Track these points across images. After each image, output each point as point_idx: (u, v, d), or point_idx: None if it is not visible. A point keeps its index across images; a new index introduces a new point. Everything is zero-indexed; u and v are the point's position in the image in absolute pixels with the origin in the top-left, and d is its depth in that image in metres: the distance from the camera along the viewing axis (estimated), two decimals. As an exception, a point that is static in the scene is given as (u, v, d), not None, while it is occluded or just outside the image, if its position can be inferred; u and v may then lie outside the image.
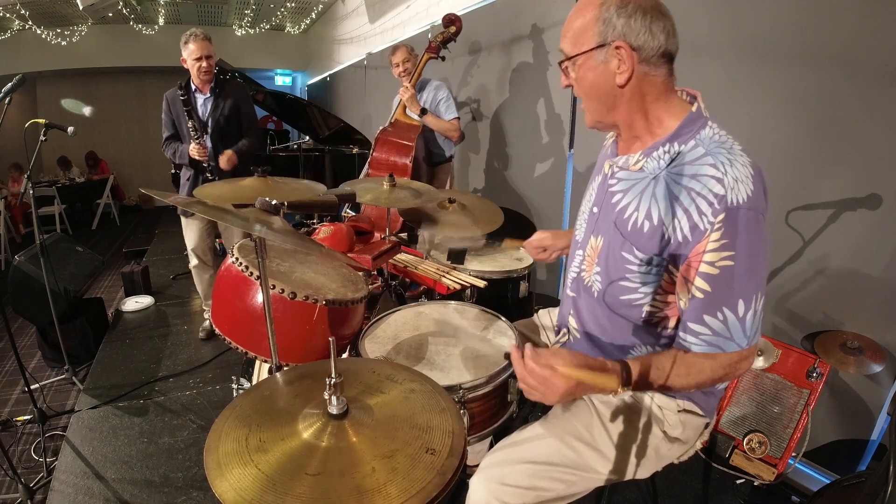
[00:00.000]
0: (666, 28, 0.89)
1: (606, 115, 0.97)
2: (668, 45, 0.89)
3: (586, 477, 1.03)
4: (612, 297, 1.01)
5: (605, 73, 0.91)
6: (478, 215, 2.15)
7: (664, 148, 0.93)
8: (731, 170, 0.84)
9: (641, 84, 0.92)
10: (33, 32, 7.07)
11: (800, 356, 1.69)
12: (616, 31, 0.88)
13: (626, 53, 0.88)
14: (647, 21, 0.87)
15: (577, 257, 1.15)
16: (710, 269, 0.85)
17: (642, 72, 0.90)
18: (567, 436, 1.04)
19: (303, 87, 10.17)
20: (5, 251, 5.67)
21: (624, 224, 0.97)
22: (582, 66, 0.93)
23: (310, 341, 1.26)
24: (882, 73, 1.44)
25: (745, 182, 0.84)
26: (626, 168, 1.00)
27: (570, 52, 0.94)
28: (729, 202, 0.83)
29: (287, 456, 0.71)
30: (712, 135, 0.91)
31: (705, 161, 0.87)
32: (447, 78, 3.84)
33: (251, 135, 2.77)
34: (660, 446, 1.06)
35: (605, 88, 0.93)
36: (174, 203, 1.09)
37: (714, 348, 0.88)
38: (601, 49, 0.89)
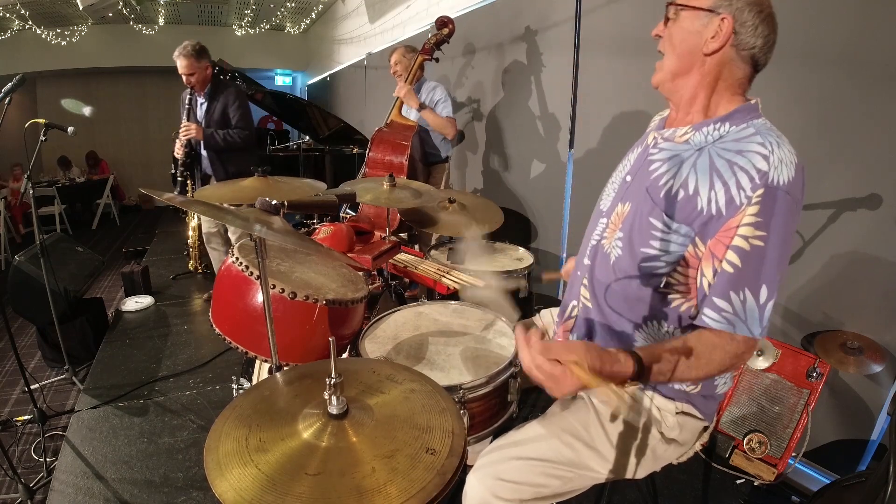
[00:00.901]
0: (768, 38, 0.92)
1: (678, 76, 0.98)
2: (760, 52, 0.93)
3: (583, 475, 1.03)
4: (633, 264, 0.99)
5: (698, 35, 0.93)
6: (478, 215, 2.15)
7: (715, 125, 0.95)
8: (778, 150, 0.85)
9: (722, 65, 0.94)
10: (33, 32, 7.07)
11: (800, 356, 1.69)
12: (731, 8, 0.90)
13: (727, 28, 0.90)
14: (759, 20, 0.91)
15: (598, 226, 1.12)
16: (743, 244, 0.84)
17: (728, 56, 0.93)
18: (564, 434, 1.04)
19: (303, 87, 10.17)
20: (5, 251, 5.68)
21: (657, 191, 0.97)
22: (684, 18, 0.95)
23: (310, 341, 1.26)
24: (883, 74, 1.44)
25: (790, 166, 0.84)
26: (672, 140, 1.01)
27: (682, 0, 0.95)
28: (770, 180, 0.83)
29: (287, 456, 0.71)
30: (765, 123, 0.93)
31: (754, 139, 0.89)
32: (446, 77, 3.84)
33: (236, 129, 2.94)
34: (657, 447, 1.06)
35: (691, 48, 0.95)
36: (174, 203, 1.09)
37: (731, 328, 0.86)
38: (709, 13, 0.92)
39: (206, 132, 2.86)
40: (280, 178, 1.63)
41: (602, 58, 2.42)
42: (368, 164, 2.88)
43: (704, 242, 0.90)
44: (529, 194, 3.20)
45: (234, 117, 2.94)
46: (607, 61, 2.39)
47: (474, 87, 3.62)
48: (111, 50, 7.97)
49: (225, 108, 2.93)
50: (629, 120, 2.30)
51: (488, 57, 3.39)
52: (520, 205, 3.26)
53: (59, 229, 6.66)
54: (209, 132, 2.87)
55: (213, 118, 2.93)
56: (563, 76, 2.68)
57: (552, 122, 2.85)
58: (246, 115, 2.99)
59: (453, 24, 2.92)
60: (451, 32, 2.93)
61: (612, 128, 2.44)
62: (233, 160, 3.01)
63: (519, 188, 3.28)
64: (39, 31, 7.08)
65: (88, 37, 7.63)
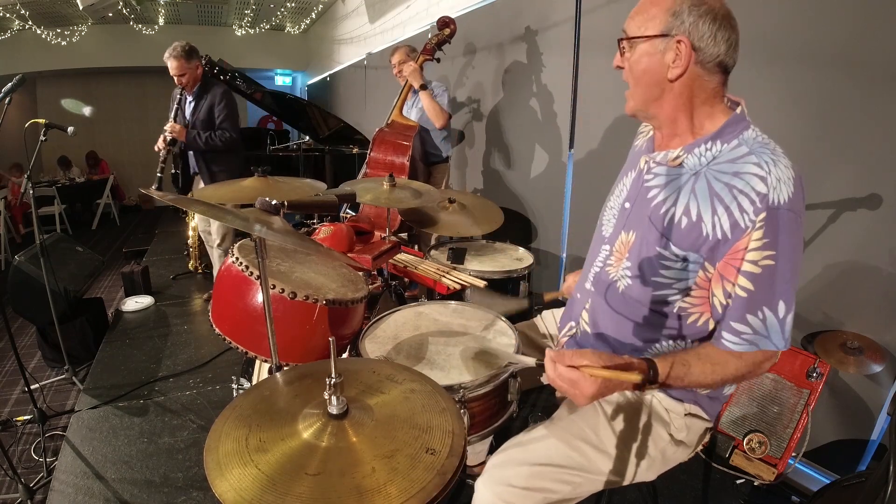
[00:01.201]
0: (730, 40, 0.90)
1: (650, 105, 0.97)
2: (726, 56, 0.91)
3: (593, 479, 1.02)
4: (644, 294, 1.00)
5: (659, 63, 0.91)
6: (478, 215, 2.15)
7: (706, 145, 0.93)
8: (775, 169, 0.85)
9: (692, 84, 0.92)
10: (33, 32, 7.07)
11: (800, 356, 1.69)
12: (683, 27, 0.88)
13: (685, 50, 0.88)
14: (715, 27, 0.88)
15: (601, 252, 1.12)
16: (753, 268, 0.85)
17: (695, 73, 0.91)
18: (574, 438, 1.03)
19: (303, 87, 10.17)
20: (5, 251, 5.67)
21: (660, 219, 0.96)
22: (639, 49, 0.93)
23: (310, 341, 1.25)
24: (883, 74, 1.44)
25: (787, 183, 0.84)
26: (664, 164, 0.99)
27: (633, 33, 0.94)
28: (771, 201, 0.83)
29: (287, 456, 0.71)
30: (755, 136, 0.92)
31: (749, 160, 0.88)
32: (447, 77, 3.84)
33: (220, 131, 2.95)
34: (666, 449, 1.05)
35: (655, 78, 0.93)
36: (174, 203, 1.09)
37: (753, 347, 0.88)
38: (663, 38, 0.90)
39: (188, 135, 2.86)
40: (280, 178, 1.63)
41: (602, 58, 2.42)
42: (370, 164, 2.88)
43: (714, 265, 0.91)
44: (529, 194, 3.20)
45: (218, 117, 2.95)
46: (607, 61, 2.37)
47: (474, 86, 3.62)
48: (111, 50, 7.97)
49: (211, 107, 2.95)
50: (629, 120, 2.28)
51: (488, 57, 3.38)
52: (520, 205, 3.26)
53: (59, 229, 6.66)
54: (192, 135, 2.88)
55: (199, 117, 2.95)
56: (563, 76, 2.68)
57: (552, 122, 2.85)
58: (231, 115, 2.99)
59: (455, 24, 2.92)
60: (453, 33, 2.93)
61: (612, 128, 2.44)
62: (217, 160, 3.02)
63: (519, 188, 3.28)
64: (39, 31, 7.08)
65: (88, 37, 7.63)
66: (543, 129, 2.94)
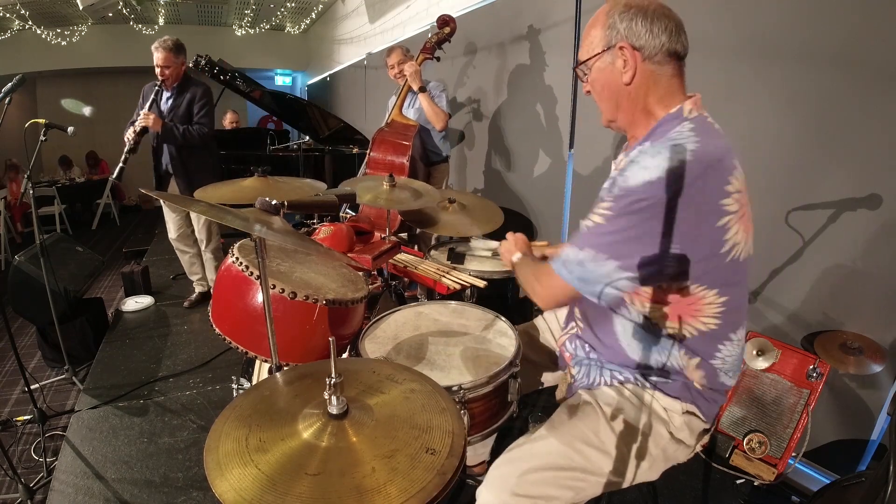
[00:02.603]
0: (668, 28, 0.94)
1: (615, 113, 1.04)
2: (671, 43, 0.94)
3: (596, 482, 1.03)
4: None
5: (612, 73, 0.99)
6: (478, 215, 2.15)
7: (640, 147, 0.96)
8: (648, 160, 0.88)
9: (646, 82, 0.97)
10: (33, 32, 7.07)
11: (800, 356, 1.69)
12: (619, 34, 0.95)
13: (628, 53, 0.95)
14: (648, 22, 0.93)
15: None
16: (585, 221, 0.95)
17: (647, 70, 0.96)
18: (576, 441, 1.04)
19: (303, 87, 10.17)
20: (5, 251, 5.67)
21: None
22: (594, 68, 1.01)
23: (310, 341, 1.26)
24: (882, 73, 1.44)
25: (650, 170, 0.86)
26: (618, 167, 1.05)
27: (583, 57, 1.02)
28: (625, 186, 0.88)
29: (287, 456, 0.71)
30: (677, 135, 0.91)
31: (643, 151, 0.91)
32: (447, 77, 3.84)
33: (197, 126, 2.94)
34: (667, 447, 1.06)
35: (613, 87, 1.00)
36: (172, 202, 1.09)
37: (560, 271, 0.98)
38: (608, 51, 0.98)
39: (165, 125, 2.82)
40: (280, 178, 1.63)
41: (602, 58, 2.42)
42: (370, 164, 2.88)
43: None
44: (529, 194, 3.20)
45: (197, 113, 2.94)
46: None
47: (474, 86, 3.62)
48: (111, 50, 7.97)
49: (191, 103, 2.93)
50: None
51: (488, 57, 3.38)
52: (520, 205, 3.26)
53: (59, 229, 6.66)
54: (169, 126, 2.84)
55: (179, 113, 2.93)
56: (563, 76, 2.68)
57: (552, 122, 2.85)
58: (210, 112, 2.99)
59: (454, 22, 2.92)
60: (453, 31, 2.93)
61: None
62: (193, 157, 3.00)
63: (519, 188, 3.28)
64: (39, 31, 7.08)
65: (88, 37, 7.63)
66: (543, 129, 2.93)
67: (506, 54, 3.19)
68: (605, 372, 1.11)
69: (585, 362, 1.16)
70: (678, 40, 0.95)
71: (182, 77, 2.96)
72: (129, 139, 2.78)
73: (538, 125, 2.97)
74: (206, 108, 2.96)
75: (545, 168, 3.00)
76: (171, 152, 2.98)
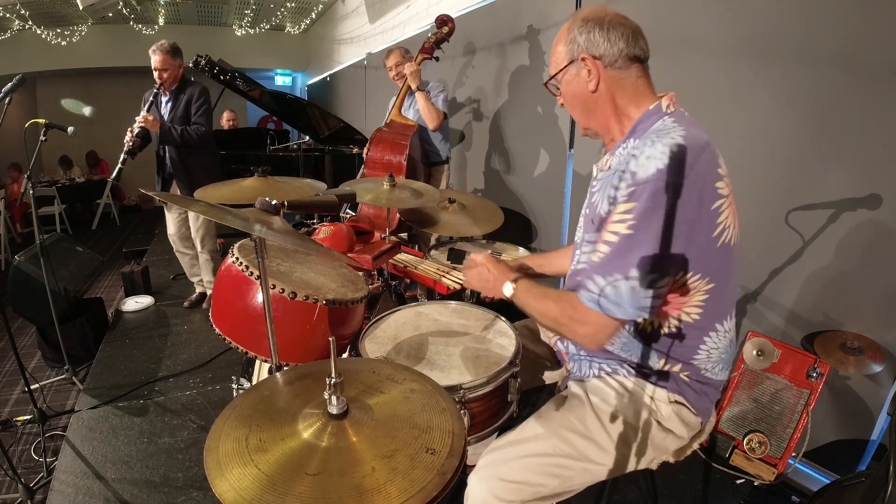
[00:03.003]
0: (625, 34, 0.99)
1: (589, 121, 1.09)
2: (629, 48, 1.00)
3: (583, 469, 1.04)
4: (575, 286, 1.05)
5: (579, 84, 1.05)
6: (478, 215, 2.15)
7: (624, 145, 1.02)
8: (649, 149, 0.89)
9: (612, 87, 1.03)
10: (33, 32, 7.07)
11: (800, 356, 1.69)
12: (580, 47, 1.01)
13: (590, 62, 1.01)
14: (605, 32, 0.99)
15: (575, 256, 1.19)
16: (611, 237, 0.92)
17: (611, 76, 1.02)
18: (562, 429, 1.06)
19: (303, 87, 10.17)
20: (5, 251, 5.67)
21: (597, 218, 1.04)
22: (562, 81, 1.08)
23: (310, 341, 1.26)
24: (882, 73, 1.44)
25: (658, 158, 0.87)
26: (602, 168, 1.10)
27: (552, 72, 1.09)
28: (637, 178, 0.89)
29: (287, 456, 0.71)
30: (661, 126, 0.95)
31: (637, 146, 0.94)
32: (446, 77, 3.84)
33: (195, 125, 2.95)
34: (655, 436, 1.07)
35: (582, 97, 1.06)
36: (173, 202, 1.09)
37: (596, 307, 0.93)
38: (572, 64, 1.04)
39: (163, 126, 2.84)
40: (280, 178, 1.63)
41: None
42: (367, 164, 2.88)
43: None
44: (529, 194, 3.20)
45: (194, 113, 2.95)
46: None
47: (474, 87, 3.62)
48: (111, 50, 7.96)
49: (188, 102, 2.95)
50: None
51: (488, 57, 3.38)
52: (520, 205, 3.26)
53: (59, 229, 6.66)
54: (166, 127, 2.86)
55: (177, 115, 2.95)
56: (563, 76, 2.67)
57: (552, 123, 2.85)
58: (207, 112, 3.00)
59: (453, 22, 2.92)
60: (451, 31, 2.93)
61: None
62: (192, 157, 3.01)
63: (519, 188, 3.28)
64: (39, 31, 7.07)
65: (88, 37, 7.63)
66: (543, 130, 2.93)
67: (506, 54, 3.19)
68: (594, 365, 1.15)
69: (577, 357, 1.19)
70: (636, 45, 1.00)
71: (179, 80, 2.98)
72: (127, 141, 2.79)
73: (538, 125, 2.97)
74: (202, 107, 2.97)
75: (545, 168, 3.00)
76: (172, 154, 2.99)
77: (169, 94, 2.98)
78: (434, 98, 2.89)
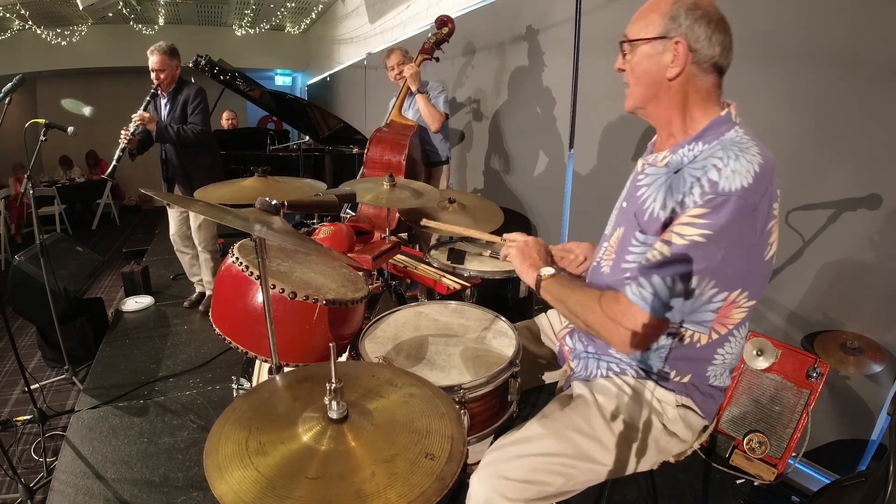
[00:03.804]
0: (724, 42, 0.95)
1: (648, 103, 1.02)
2: (720, 58, 0.95)
3: (587, 469, 1.04)
4: (616, 278, 1.05)
5: (658, 64, 0.97)
6: (478, 215, 2.15)
7: (689, 146, 0.98)
8: (733, 163, 0.87)
9: (687, 84, 0.97)
10: (33, 32, 7.06)
11: (800, 356, 1.69)
12: (680, 29, 0.93)
13: (682, 51, 0.94)
14: (710, 30, 0.93)
15: (601, 249, 1.18)
16: (677, 239, 0.88)
17: (692, 73, 0.96)
18: (566, 429, 1.05)
19: (303, 87, 10.17)
20: (5, 251, 5.67)
21: (642, 214, 1.02)
22: (640, 51, 0.99)
23: (310, 341, 1.25)
24: (882, 73, 1.44)
25: (744, 174, 0.86)
26: (655, 164, 1.05)
27: (633, 36, 0.99)
28: (720, 188, 0.86)
29: (287, 459, 0.71)
30: (735, 137, 0.94)
31: (716, 154, 0.90)
32: (446, 77, 3.84)
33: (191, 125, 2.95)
34: (659, 438, 1.07)
35: (654, 77, 0.98)
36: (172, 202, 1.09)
37: (645, 306, 0.90)
38: (661, 40, 0.95)
39: (159, 124, 2.84)
40: (280, 178, 1.63)
41: (602, 58, 2.42)
42: (367, 163, 2.88)
43: None
44: (529, 194, 3.20)
45: (191, 113, 2.96)
46: (607, 61, 2.38)
47: (474, 87, 3.62)
48: (111, 50, 7.96)
49: (185, 103, 2.96)
50: (629, 120, 2.29)
51: (488, 57, 3.38)
52: (520, 205, 3.25)
53: (59, 229, 6.66)
54: (163, 124, 2.86)
55: (175, 115, 2.96)
56: (563, 76, 2.67)
57: (552, 123, 2.85)
58: (204, 111, 3.00)
59: (453, 23, 2.92)
60: (451, 31, 2.93)
61: (612, 128, 2.44)
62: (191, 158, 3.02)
63: (519, 188, 3.28)
64: (39, 31, 7.07)
65: (88, 37, 7.63)
66: (543, 130, 2.93)
67: (505, 55, 3.19)
68: (601, 364, 1.13)
69: (584, 356, 1.18)
70: (727, 57, 0.96)
71: (177, 81, 2.99)
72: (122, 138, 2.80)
73: (538, 125, 2.97)
74: (199, 106, 2.98)
75: (545, 168, 3.00)
76: (171, 155, 3.01)
77: (167, 96, 2.99)
78: (434, 99, 2.88)
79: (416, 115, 3.00)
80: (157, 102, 3.00)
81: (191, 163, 3.02)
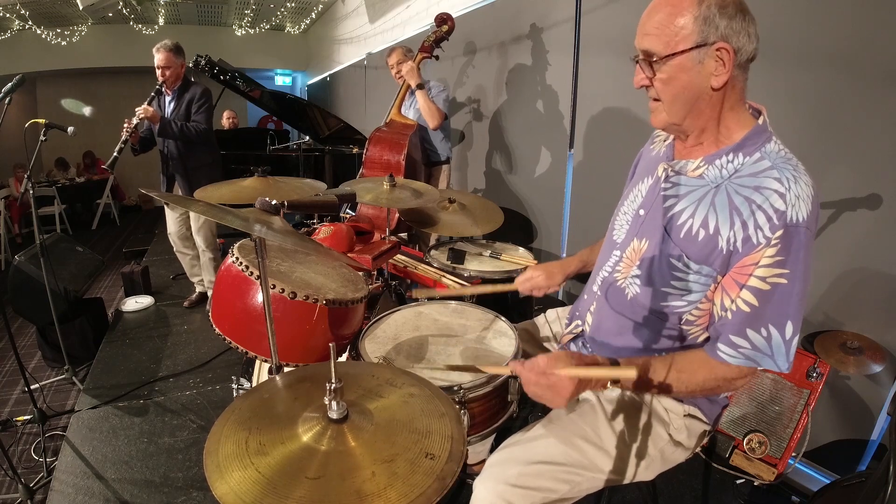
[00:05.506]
0: (756, 32, 0.86)
1: (686, 118, 0.92)
2: (755, 50, 0.87)
3: (592, 477, 1.03)
4: (653, 303, 0.99)
5: (700, 75, 0.86)
6: (478, 215, 2.15)
7: (728, 157, 0.91)
8: (795, 186, 0.83)
9: (727, 88, 0.88)
10: (33, 32, 7.07)
11: (800, 356, 1.69)
12: (718, 32, 0.83)
13: (727, 56, 0.84)
14: (745, 22, 0.84)
15: (612, 257, 1.11)
16: (761, 284, 0.84)
17: (734, 76, 0.87)
18: (573, 437, 1.04)
19: (303, 87, 10.17)
20: (5, 251, 5.67)
21: (677, 230, 0.95)
22: (673, 66, 0.87)
23: (310, 341, 1.25)
24: (882, 73, 1.44)
25: (806, 201, 0.83)
26: (684, 173, 0.97)
27: (664, 51, 0.86)
28: (788, 219, 0.82)
29: (287, 459, 0.71)
30: (777, 150, 0.90)
31: (770, 174, 0.86)
32: (447, 77, 3.84)
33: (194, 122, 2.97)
34: (665, 449, 1.06)
35: (697, 91, 0.88)
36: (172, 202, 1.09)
37: (750, 363, 0.87)
38: (699, 49, 0.84)
39: (162, 119, 2.86)
40: (280, 178, 1.63)
41: (602, 58, 2.42)
42: (366, 163, 2.88)
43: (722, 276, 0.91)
44: (529, 194, 3.20)
45: (195, 111, 2.97)
46: (607, 61, 2.39)
47: (474, 86, 3.62)
48: (111, 50, 7.96)
49: (190, 102, 2.97)
50: (629, 120, 2.29)
51: (488, 57, 3.38)
52: (520, 205, 3.25)
53: (59, 229, 6.66)
54: (166, 120, 2.88)
55: (180, 114, 2.97)
56: (563, 76, 2.67)
57: (552, 123, 2.85)
58: (207, 110, 3.02)
59: (453, 20, 2.91)
60: (451, 29, 2.92)
61: (612, 128, 2.44)
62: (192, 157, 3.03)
63: (519, 188, 3.28)
64: (39, 31, 7.07)
65: (88, 37, 7.63)
66: (543, 130, 2.93)
67: (506, 54, 3.19)
68: None
69: None
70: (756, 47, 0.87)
71: (182, 80, 3.01)
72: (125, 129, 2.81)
73: (538, 125, 2.97)
74: (203, 106, 2.99)
75: (545, 168, 3.00)
76: (172, 153, 3.01)
77: (172, 94, 3.00)
78: (435, 97, 2.88)
79: (417, 115, 3.00)
80: (161, 100, 3.01)
81: (191, 160, 3.03)
